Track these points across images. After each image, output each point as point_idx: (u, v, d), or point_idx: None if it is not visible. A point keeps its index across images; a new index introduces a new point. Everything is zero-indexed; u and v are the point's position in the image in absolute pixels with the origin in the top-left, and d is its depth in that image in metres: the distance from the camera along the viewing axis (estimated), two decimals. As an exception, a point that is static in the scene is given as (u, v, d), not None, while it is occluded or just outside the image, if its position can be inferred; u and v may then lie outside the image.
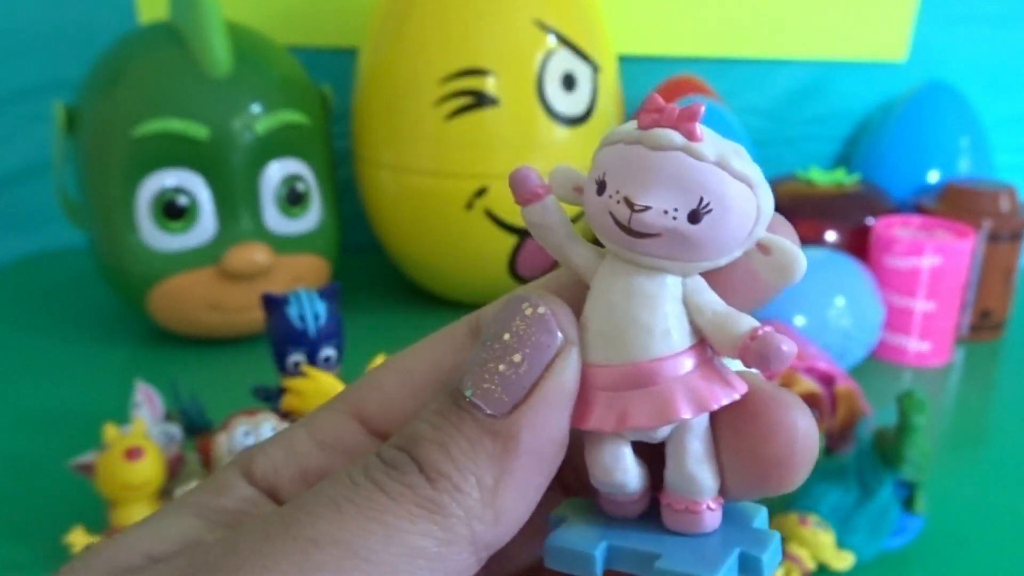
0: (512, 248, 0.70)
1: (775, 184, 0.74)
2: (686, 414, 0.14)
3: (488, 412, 0.15)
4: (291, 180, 0.65)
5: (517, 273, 0.72)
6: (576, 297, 0.15)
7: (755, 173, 0.14)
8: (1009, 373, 0.66)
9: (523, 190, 0.16)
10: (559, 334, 0.15)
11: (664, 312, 0.14)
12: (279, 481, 0.17)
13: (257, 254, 0.62)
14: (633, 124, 0.14)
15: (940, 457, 0.50)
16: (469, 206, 0.67)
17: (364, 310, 0.76)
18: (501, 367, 0.15)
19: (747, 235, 0.14)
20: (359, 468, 0.15)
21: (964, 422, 0.59)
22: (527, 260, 0.71)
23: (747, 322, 0.14)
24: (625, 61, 0.76)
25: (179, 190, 0.61)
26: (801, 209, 0.71)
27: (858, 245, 0.69)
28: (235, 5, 0.74)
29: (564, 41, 0.66)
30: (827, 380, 0.51)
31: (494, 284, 0.73)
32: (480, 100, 0.65)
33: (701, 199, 0.13)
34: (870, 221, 0.70)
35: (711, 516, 0.14)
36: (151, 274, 0.62)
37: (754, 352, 0.14)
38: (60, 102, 0.63)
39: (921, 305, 0.64)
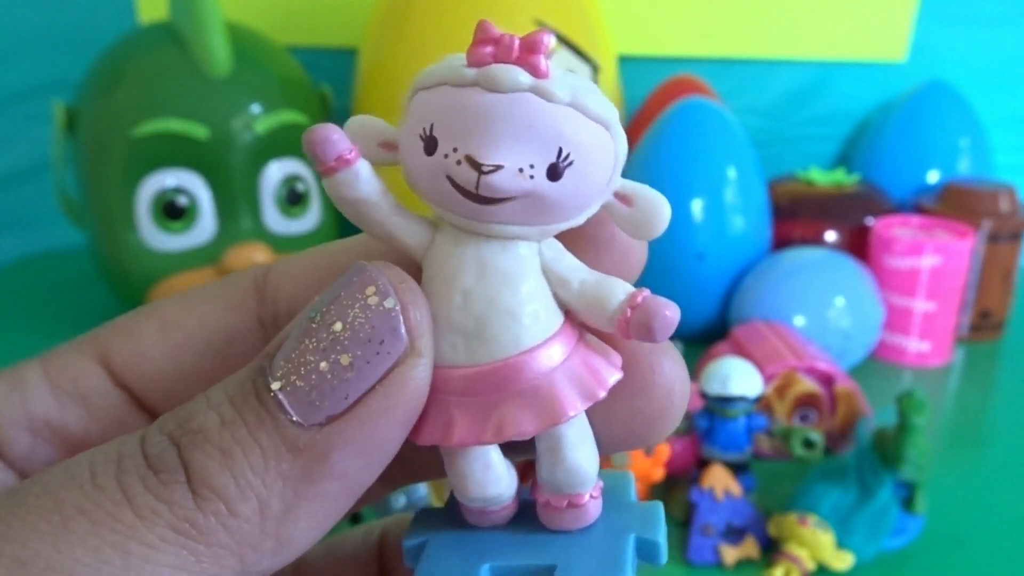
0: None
1: (775, 184, 0.74)
2: (574, 410, 0.11)
3: (295, 418, 0.11)
4: (291, 180, 0.65)
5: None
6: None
7: (611, 111, 0.12)
8: (1009, 373, 0.66)
9: (327, 156, 0.12)
10: (406, 339, 0.11)
11: (528, 290, 0.11)
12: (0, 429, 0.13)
13: (257, 254, 0.62)
14: (458, 60, 0.12)
15: (940, 457, 0.50)
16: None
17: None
18: (323, 365, 0.11)
19: (606, 185, 0.12)
20: (109, 461, 0.11)
21: (964, 422, 0.59)
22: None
23: (620, 288, 0.12)
24: (625, 61, 0.76)
25: (179, 190, 0.61)
26: (801, 209, 0.71)
27: (858, 245, 0.69)
28: (235, 5, 0.74)
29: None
30: (827, 380, 0.51)
31: (494, 284, 0.73)
32: (480, 100, 0.65)
33: (560, 150, 0.11)
34: (870, 221, 0.70)
35: (594, 505, 0.12)
36: (151, 274, 0.62)
37: (637, 324, 0.11)
38: (60, 102, 0.63)
39: (921, 305, 0.64)
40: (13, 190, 0.87)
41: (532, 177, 0.11)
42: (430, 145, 0.11)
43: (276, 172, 0.64)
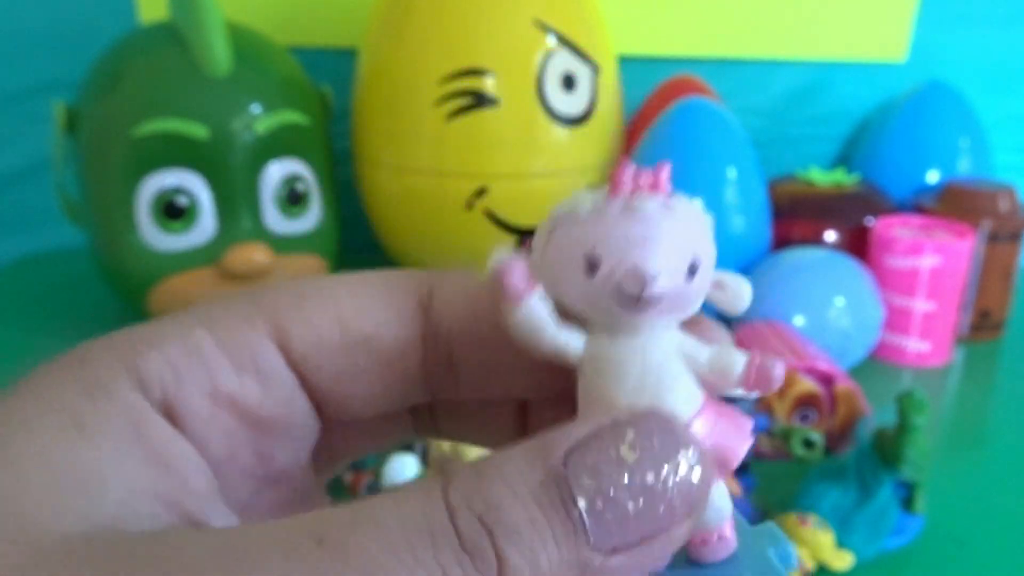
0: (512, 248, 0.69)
1: (775, 184, 0.74)
2: (734, 467, 0.14)
3: (592, 540, 0.12)
4: (291, 180, 0.65)
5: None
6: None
7: (709, 217, 0.15)
8: (1009, 373, 0.66)
9: (512, 290, 0.13)
10: (697, 509, 0.12)
11: (680, 372, 0.14)
12: (180, 395, 0.14)
13: (257, 254, 0.62)
14: (593, 196, 0.14)
15: (940, 457, 0.51)
16: (469, 206, 0.67)
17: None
18: (631, 506, 0.12)
19: (711, 277, 0.14)
20: (422, 531, 0.11)
21: (964, 422, 0.59)
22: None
23: (737, 354, 0.14)
24: (625, 61, 0.76)
25: (179, 190, 0.61)
26: (801, 209, 0.71)
27: (858, 245, 0.69)
28: (235, 5, 0.74)
29: (564, 41, 0.66)
30: (827, 380, 0.51)
31: (494, 284, 0.73)
32: (480, 100, 0.65)
33: (694, 254, 0.14)
34: (870, 221, 0.70)
35: (733, 535, 0.14)
36: (151, 274, 0.62)
37: (756, 381, 0.14)
38: (60, 102, 0.63)
39: (921, 305, 0.64)
40: (13, 190, 0.87)
41: (678, 280, 0.13)
42: (593, 265, 0.13)
43: (276, 172, 0.64)
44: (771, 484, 0.48)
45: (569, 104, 0.67)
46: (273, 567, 0.11)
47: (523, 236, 0.69)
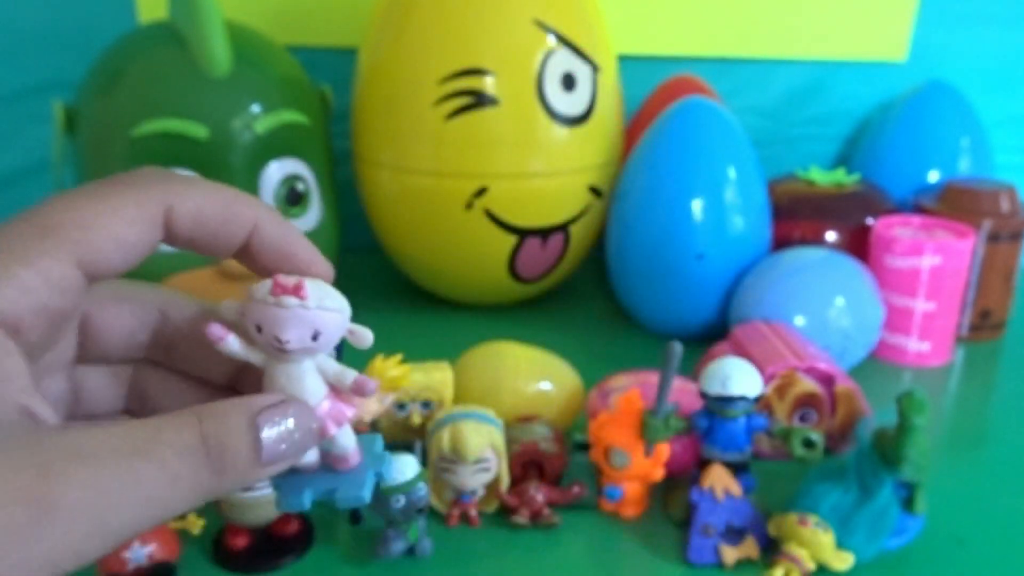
0: (512, 248, 0.69)
1: (775, 184, 0.74)
2: (334, 431, 0.24)
3: (263, 455, 0.22)
4: (291, 180, 0.65)
5: (517, 273, 0.72)
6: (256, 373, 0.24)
7: (340, 302, 0.24)
8: (1009, 373, 0.66)
9: (211, 337, 0.24)
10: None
11: (311, 379, 0.24)
12: (20, 312, 0.20)
13: (257, 254, 0.62)
14: (266, 288, 0.23)
15: (940, 457, 0.51)
16: (469, 206, 0.67)
17: (363, 310, 0.76)
18: (283, 442, 0.22)
19: (342, 334, 0.24)
20: (190, 450, 0.20)
21: (964, 422, 0.59)
22: (527, 261, 0.71)
23: (350, 373, 0.24)
24: (625, 61, 0.76)
25: (179, 190, 0.61)
26: (801, 209, 0.71)
27: (858, 245, 0.69)
28: (234, 5, 0.74)
29: (564, 41, 0.66)
30: (827, 380, 0.51)
31: (494, 284, 0.73)
32: (480, 100, 0.65)
33: (315, 328, 0.23)
34: (870, 221, 0.70)
35: (355, 456, 0.25)
36: (151, 274, 0.62)
37: (357, 389, 0.24)
38: (59, 102, 0.63)
39: (921, 305, 0.64)
40: (13, 190, 0.87)
41: (306, 342, 0.23)
42: (258, 329, 0.23)
43: (276, 172, 0.64)
44: (771, 484, 0.48)
45: (569, 104, 0.67)
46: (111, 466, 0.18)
47: (523, 236, 0.69)
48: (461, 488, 0.45)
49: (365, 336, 0.24)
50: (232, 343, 0.24)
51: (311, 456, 0.26)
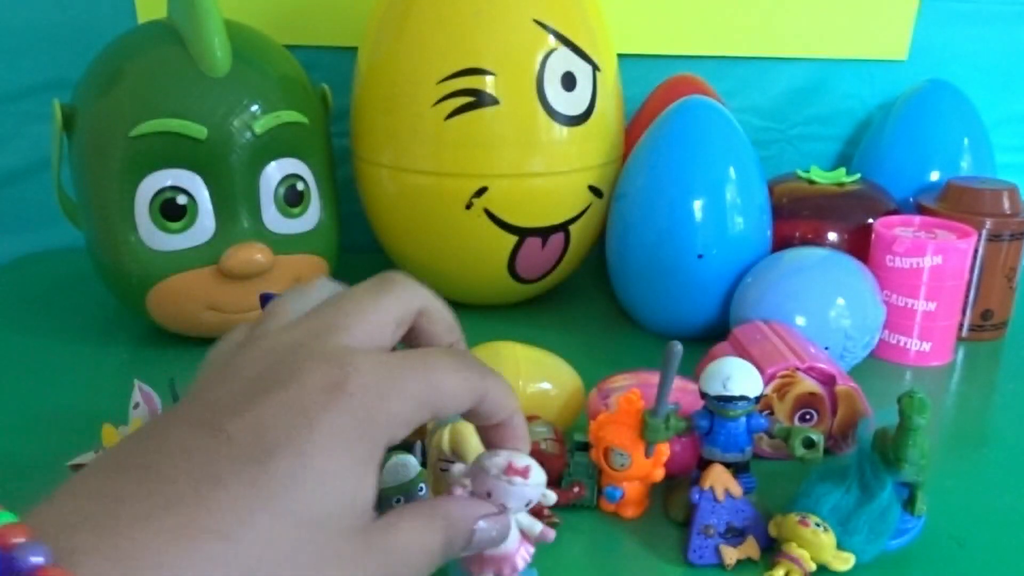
0: (512, 248, 0.69)
1: (775, 184, 0.74)
2: (522, 565, 0.34)
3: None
4: (290, 180, 0.65)
5: (517, 273, 0.72)
6: None
7: (542, 477, 0.32)
8: (1010, 374, 0.66)
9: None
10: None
11: (511, 528, 0.32)
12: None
13: (256, 254, 0.62)
14: (500, 467, 0.31)
15: (940, 458, 0.50)
16: (468, 206, 0.67)
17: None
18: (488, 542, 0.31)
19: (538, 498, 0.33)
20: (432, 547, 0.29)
21: (965, 423, 0.59)
22: (527, 261, 0.71)
23: (537, 525, 0.34)
24: (625, 60, 0.76)
25: (178, 190, 0.61)
26: (801, 209, 0.71)
27: (859, 245, 0.68)
28: (234, 4, 0.74)
29: (564, 40, 0.66)
30: (828, 380, 0.51)
31: (494, 284, 0.73)
32: (479, 99, 0.64)
33: (529, 501, 0.32)
34: (871, 221, 0.70)
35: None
36: (150, 274, 0.62)
37: (542, 537, 0.34)
38: (57, 101, 0.62)
39: (922, 305, 0.64)
40: (12, 190, 0.87)
41: (519, 507, 0.33)
42: (488, 495, 0.32)
43: (275, 172, 0.64)
44: (771, 484, 0.47)
45: (569, 103, 0.67)
46: None
47: (523, 236, 0.69)
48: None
49: (550, 498, 0.34)
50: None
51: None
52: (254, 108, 0.61)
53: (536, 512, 0.45)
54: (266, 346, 0.27)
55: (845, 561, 0.41)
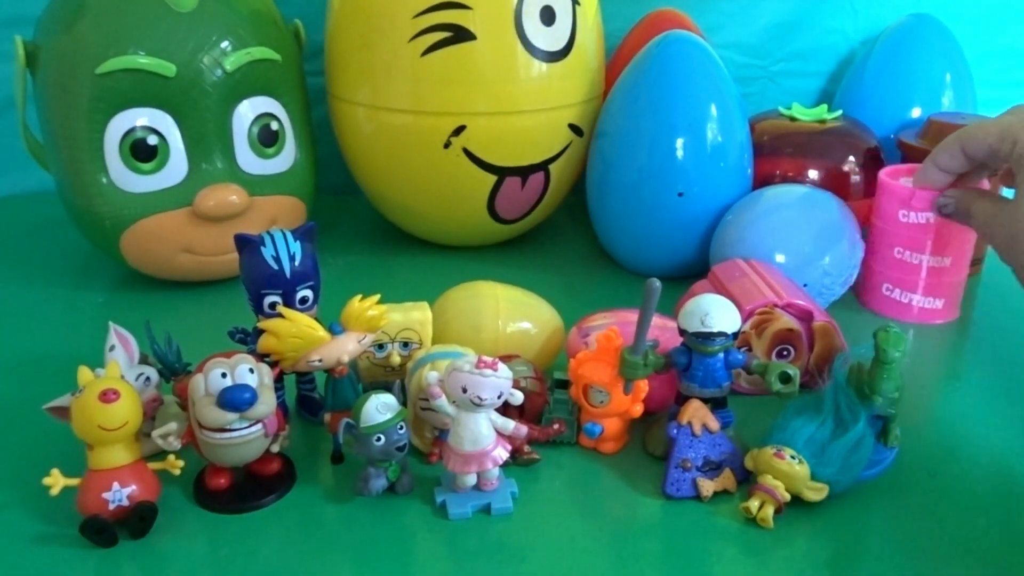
0: (491, 187, 0.69)
1: (756, 121, 0.73)
2: (500, 460, 0.41)
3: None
4: (264, 119, 0.63)
5: (496, 213, 0.71)
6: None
7: (510, 372, 0.40)
8: (985, 307, 0.67)
9: (431, 393, 0.40)
10: None
11: (487, 426, 0.41)
12: None
13: (231, 195, 0.61)
14: (469, 363, 0.40)
15: (913, 393, 0.51)
16: (447, 145, 0.66)
17: (341, 251, 0.75)
18: None
19: (507, 394, 0.40)
20: None
21: (940, 357, 0.59)
22: (506, 200, 0.70)
23: (509, 423, 0.41)
24: (606, -6, 0.74)
25: (148, 129, 0.59)
26: (783, 147, 0.70)
27: (839, 183, 0.68)
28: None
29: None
30: (805, 316, 0.51)
31: (473, 224, 0.72)
32: (457, 35, 0.63)
33: (501, 393, 0.40)
34: (851, 159, 0.69)
35: (498, 481, 0.43)
36: (122, 217, 0.61)
37: (515, 433, 0.41)
38: (20, 37, 0.60)
39: (928, 260, 0.62)
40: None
41: (495, 401, 0.41)
42: (463, 390, 0.40)
43: (248, 111, 0.62)
44: (749, 419, 0.48)
45: (548, 38, 0.65)
46: None
47: (502, 175, 0.68)
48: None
49: (518, 397, 0.41)
50: (443, 401, 0.41)
51: (470, 480, 0.41)
52: (224, 44, 0.60)
53: (516, 449, 0.46)
54: None
55: (819, 491, 0.42)
